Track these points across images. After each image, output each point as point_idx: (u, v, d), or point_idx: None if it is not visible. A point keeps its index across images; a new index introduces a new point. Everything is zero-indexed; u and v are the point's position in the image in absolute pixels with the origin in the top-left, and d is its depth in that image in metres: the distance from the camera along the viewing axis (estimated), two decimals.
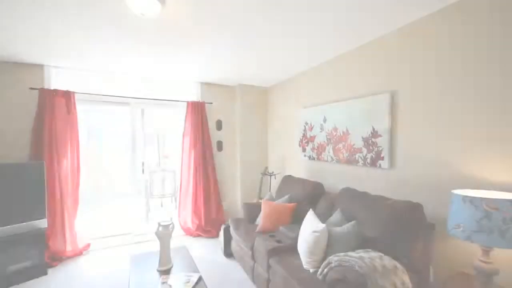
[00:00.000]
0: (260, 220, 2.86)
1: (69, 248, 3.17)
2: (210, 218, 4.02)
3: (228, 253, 3.18)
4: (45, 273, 2.79)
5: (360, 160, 2.59)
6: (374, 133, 2.43)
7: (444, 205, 1.88)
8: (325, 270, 1.69)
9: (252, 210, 3.15)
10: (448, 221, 1.55)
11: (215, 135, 4.30)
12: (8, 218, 2.61)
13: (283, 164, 4.13)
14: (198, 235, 3.89)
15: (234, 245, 3.03)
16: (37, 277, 2.72)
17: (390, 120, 2.29)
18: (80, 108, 3.37)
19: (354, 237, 1.92)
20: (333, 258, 1.68)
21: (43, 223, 2.82)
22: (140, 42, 2.51)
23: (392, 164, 2.30)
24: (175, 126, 4.25)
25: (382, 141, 2.35)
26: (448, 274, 1.77)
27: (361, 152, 2.58)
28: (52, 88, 3.18)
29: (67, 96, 3.21)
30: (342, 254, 1.70)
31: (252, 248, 2.51)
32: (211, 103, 4.23)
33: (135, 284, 1.92)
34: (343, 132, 2.81)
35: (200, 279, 1.94)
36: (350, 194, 2.35)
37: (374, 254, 1.64)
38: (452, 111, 1.85)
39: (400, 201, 1.91)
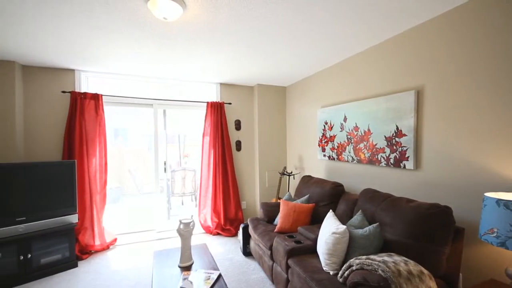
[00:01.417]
0: (278, 220, 2.85)
1: (97, 242, 3.36)
2: (229, 217, 4.08)
3: (246, 252, 3.20)
4: (76, 266, 2.97)
5: (382, 160, 2.51)
6: (398, 132, 2.33)
7: (475, 208, 1.77)
8: (346, 272, 1.66)
9: (271, 210, 3.15)
10: (480, 226, 1.45)
11: (234, 135, 4.35)
12: (43, 214, 2.80)
13: (301, 164, 4.09)
14: (218, 234, 3.96)
15: (252, 244, 3.05)
16: (69, 269, 2.91)
17: (416, 119, 2.19)
18: (107, 110, 3.56)
19: (377, 240, 1.86)
20: (354, 261, 1.64)
21: (74, 218, 3.00)
22: (162, 45, 2.60)
23: (417, 164, 2.20)
24: (195, 126, 4.36)
25: (407, 141, 2.25)
26: (478, 282, 1.67)
27: (384, 152, 2.49)
28: (82, 91, 3.38)
29: (96, 98, 3.40)
30: (363, 257, 1.65)
31: (271, 248, 2.51)
32: (230, 103, 4.28)
33: (158, 279, 1.99)
34: (364, 131, 2.73)
35: (220, 276, 1.98)
36: (372, 195, 2.28)
37: (398, 258, 1.58)
38: (484, 109, 1.73)
39: (426, 204, 1.82)
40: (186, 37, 2.42)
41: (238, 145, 4.38)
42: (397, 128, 2.34)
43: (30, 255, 2.66)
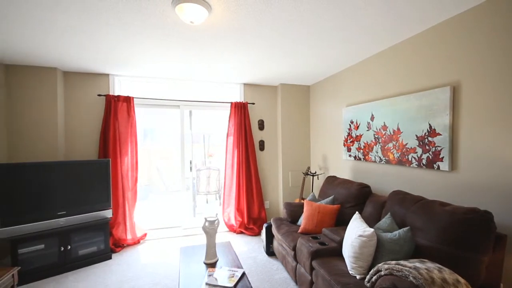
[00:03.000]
0: (302, 221, 2.82)
1: (129, 236, 3.56)
2: (252, 216, 4.11)
3: (270, 251, 3.20)
4: (110, 258, 3.17)
5: (413, 161, 2.38)
6: (431, 131, 2.20)
7: None
8: (374, 278, 1.60)
9: (294, 210, 3.12)
10: None
11: (257, 135, 4.37)
12: (81, 208, 3.03)
13: (326, 164, 4.00)
14: (241, 232, 4.01)
15: (276, 244, 3.05)
16: (103, 261, 3.11)
17: (451, 117, 2.05)
18: (138, 111, 3.76)
19: (407, 245, 1.77)
20: (383, 266, 1.57)
21: (108, 213, 3.21)
22: (188, 47, 2.69)
23: (453, 165, 2.06)
24: (219, 126, 4.45)
25: (441, 140, 2.11)
26: None
27: (415, 152, 2.36)
28: (115, 94, 3.60)
29: (128, 100, 3.60)
30: (393, 262, 1.58)
31: (294, 249, 2.49)
32: (253, 103, 4.31)
33: (184, 274, 2.06)
34: (393, 131, 2.61)
35: (243, 274, 2.00)
36: (402, 197, 2.17)
37: (431, 265, 1.49)
38: None
39: (463, 208, 1.70)
40: (210, 38, 2.48)
41: (262, 145, 4.39)
42: (430, 126, 2.21)
43: (69, 247, 2.89)
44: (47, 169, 2.85)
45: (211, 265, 2.19)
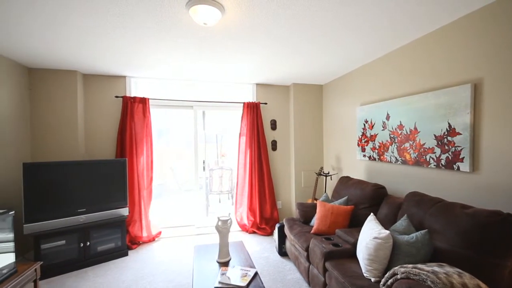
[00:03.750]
0: (315, 221, 2.79)
1: (144, 234, 3.65)
2: (265, 216, 4.11)
3: (282, 252, 3.19)
4: (127, 254, 3.27)
5: (431, 161, 2.30)
6: (451, 131, 2.12)
7: None
8: (389, 281, 1.56)
9: (307, 211, 3.10)
10: None
11: (269, 135, 4.37)
12: (99, 206, 3.13)
13: (339, 165, 3.94)
14: (253, 232, 4.01)
15: (288, 245, 3.03)
16: (120, 257, 3.21)
17: (473, 115, 1.97)
18: (153, 112, 3.85)
19: (425, 248, 1.72)
20: (399, 269, 1.53)
21: (125, 211, 3.30)
22: (202, 48, 2.72)
23: (474, 166, 1.97)
24: (232, 126, 4.48)
25: (461, 140, 2.03)
26: None
27: (433, 152, 2.28)
28: (132, 96, 3.71)
29: (143, 102, 3.69)
30: (410, 265, 1.53)
31: (307, 249, 2.47)
32: (266, 103, 4.31)
33: (198, 272, 2.09)
34: (410, 130, 2.53)
35: (256, 274, 2.00)
36: (419, 199, 2.10)
37: (450, 269, 1.44)
38: None
39: (485, 210, 1.62)
40: (223, 39, 2.50)
41: (274, 145, 4.38)
42: (450, 126, 2.13)
43: (89, 243, 3.00)
44: (69, 168, 2.97)
45: (224, 264, 2.21)
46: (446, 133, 2.16)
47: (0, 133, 2.82)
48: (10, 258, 2.06)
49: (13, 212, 2.14)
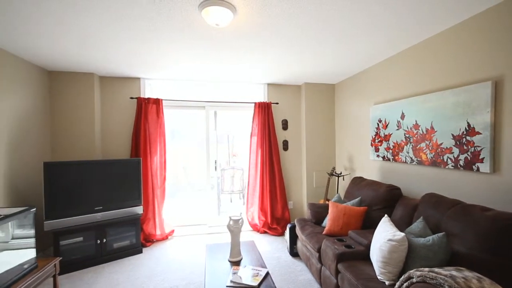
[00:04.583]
0: (327, 222, 2.76)
1: (158, 232, 3.73)
2: (276, 216, 4.10)
3: (293, 252, 3.18)
4: (141, 252, 3.35)
5: (449, 162, 2.22)
6: (470, 130, 2.04)
7: None
8: (405, 285, 1.52)
9: (319, 211, 3.06)
10: None
11: (281, 135, 4.35)
12: (115, 204, 3.23)
13: (351, 165, 3.87)
14: (264, 232, 4.01)
15: (299, 245, 3.01)
16: (135, 254, 3.29)
17: (493, 114, 1.89)
18: (166, 112, 3.92)
19: (442, 251, 1.66)
20: (415, 273, 1.49)
21: (139, 209, 3.39)
22: (214, 49, 2.75)
23: (495, 167, 1.89)
24: (243, 126, 4.50)
25: (481, 140, 1.95)
26: None
27: (451, 152, 2.20)
28: (146, 97, 3.79)
29: (157, 102, 3.77)
30: (426, 269, 1.49)
31: (319, 250, 2.44)
32: (277, 103, 4.30)
33: (210, 271, 2.12)
34: (426, 130, 2.46)
35: (267, 274, 2.01)
36: (436, 200, 2.04)
37: (469, 274, 1.38)
38: None
39: (506, 213, 1.55)
40: (235, 40, 2.51)
41: (285, 144, 4.36)
42: (469, 125, 2.05)
43: (105, 240, 3.09)
44: (87, 167, 3.07)
45: (236, 263, 2.23)
46: (465, 132, 2.08)
47: (24, 133, 2.96)
48: (31, 253, 2.15)
49: (35, 209, 2.23)
